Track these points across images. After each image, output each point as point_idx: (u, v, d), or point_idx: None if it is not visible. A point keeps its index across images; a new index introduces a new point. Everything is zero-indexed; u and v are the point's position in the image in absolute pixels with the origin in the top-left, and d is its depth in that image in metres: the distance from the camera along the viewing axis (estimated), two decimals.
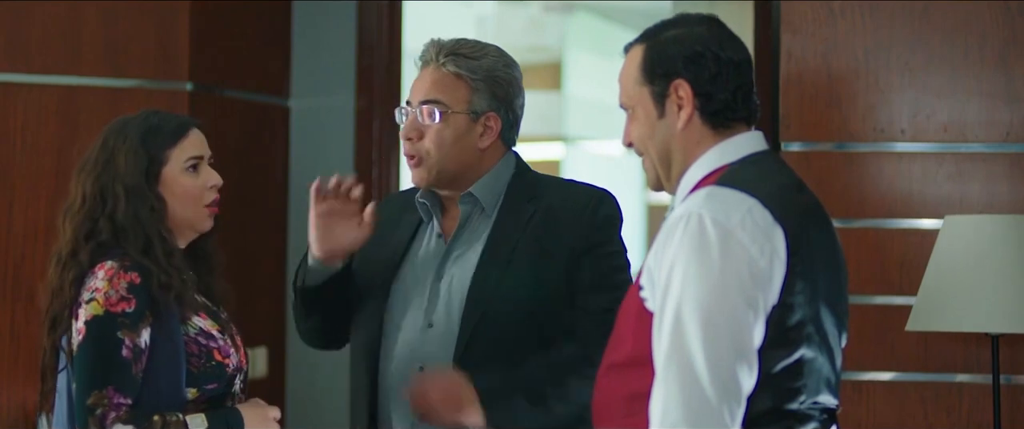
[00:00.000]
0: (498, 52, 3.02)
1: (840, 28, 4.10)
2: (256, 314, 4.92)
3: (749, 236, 2.25)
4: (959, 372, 4.02)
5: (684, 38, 2.42)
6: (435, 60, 2.97)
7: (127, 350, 2.65)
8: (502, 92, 2.98)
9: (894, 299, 4.04)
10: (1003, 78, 4.04)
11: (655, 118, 2.43)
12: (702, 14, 2.48)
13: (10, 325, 4.44)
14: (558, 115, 12.58)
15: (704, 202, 2.29)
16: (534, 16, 12.44)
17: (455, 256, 2.96)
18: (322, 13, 5.18)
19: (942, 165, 4.06)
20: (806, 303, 2.30)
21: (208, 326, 2.78)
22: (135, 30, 4.53)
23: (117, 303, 2.67)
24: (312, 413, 5.03)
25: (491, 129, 2.98)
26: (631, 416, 2.33)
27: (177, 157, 2.80)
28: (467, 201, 2.98)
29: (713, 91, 2.40)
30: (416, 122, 2.96)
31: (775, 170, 2.41)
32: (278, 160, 5.13)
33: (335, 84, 5.17)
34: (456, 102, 2.94)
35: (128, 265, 2.70)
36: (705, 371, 2.21)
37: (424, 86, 2.97)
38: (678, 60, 2.40)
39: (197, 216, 2.83)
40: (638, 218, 13.66)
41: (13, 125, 4.49)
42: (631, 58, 2.48)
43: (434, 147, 2.94)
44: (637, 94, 2.46)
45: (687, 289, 2.24)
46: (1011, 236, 3.64)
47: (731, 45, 2.43)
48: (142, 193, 2.76)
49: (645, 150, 2.47)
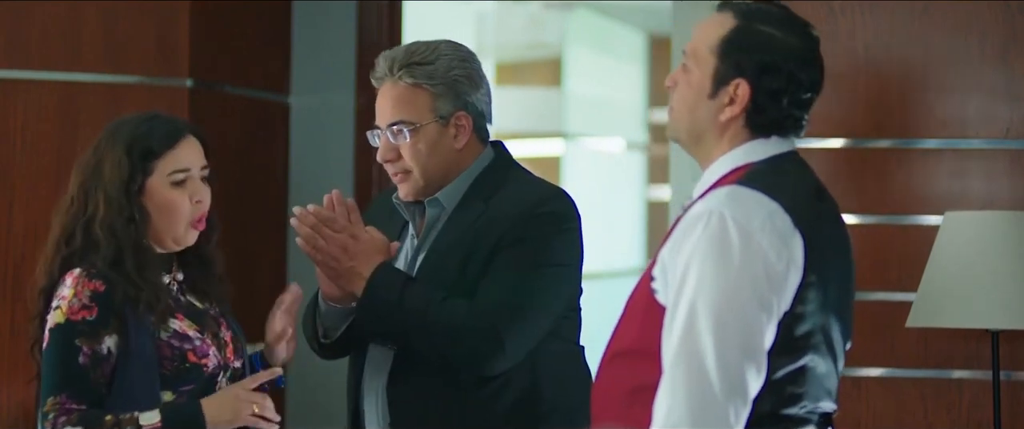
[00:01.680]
0: (450, 48, 2.99)
1: (841, 26, 4.10)
2: (256, 313, 4.90)
3: (768, 240, 2.25)
4: (959, 368, 4.03)
5: (772, 42, 2.37)
6: (390, 74, 2.94)
7: (84, 357, 2.65)
8: (463, 89, 2.96)
9: (894, 295, 4.04)
10: (1003, 75, 4.04)
11: (705, 94, 2.39)
12: (804, 24, 2.42)
13: (10, 324, 4.44)
14: (558, 112, 12.58)
15: (726, 202, 2.28)
16: (534, 13, 12.43)
17: (420, 257, 2.97)
18: (322, 10, 5.18)
19: (942, 162, 4.07)
20: (817, 312, 2.30)
21: (184, 328, 2.76)
22: (135, 27, 4.53)
23: (78, 311, 2.67)
24: (312, 413, 5.03)
25: (463, 127, 2.96)
26: (630, 407, 2.33)
27: (162, 169, 2.75)
28: (433, 205, 2.98)
29: (768, 105, 2.36)
30: (388, 143, 2.95)
31: (798, 174, 2.40)
32: (278, 157, 5.13)
33: (335, 81, 5.17)
34: (422, 114, 2.93)
35: (94, 273, 2.69)
36: (714, 369, 2.21)
37: (387, 107, 2.95)
38: (754, 61, 2.35)
39: (179, 231, 2.78)
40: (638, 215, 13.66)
41: (13, 123, 4.49)
42: (719, 22, 2.40)
43: (413, 162, 2.94)
44: (703, 59, 2.39)
45: (702, 287, 2.24)
46: (1011, 233, 3.64)
47: (812, 67, 2.39)
48: (120, 204, 2.72)
49: (679, 110, 2.43)
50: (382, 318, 2.88)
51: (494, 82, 11.94)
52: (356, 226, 2.91)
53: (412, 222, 3.02)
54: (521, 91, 12.68)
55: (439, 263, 2.92)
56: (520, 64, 12.97)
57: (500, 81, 12.42)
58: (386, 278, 2.88)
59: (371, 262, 2.88)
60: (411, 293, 2.86)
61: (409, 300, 2.85)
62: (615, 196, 13.05)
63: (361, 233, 2.90)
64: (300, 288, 2.96)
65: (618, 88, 12.92)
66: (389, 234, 3.01)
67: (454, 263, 2.90)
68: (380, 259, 2.89)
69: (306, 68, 5.18)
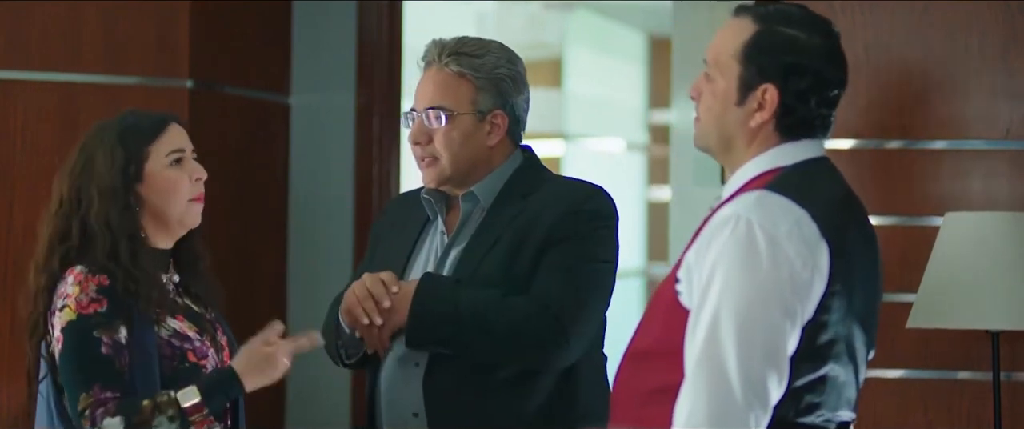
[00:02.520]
0: (501, 48, 3.01)
1: (841, 25, 4.08)
2: (256, 312, 4.92)
3: (795, 248, 2.24)
4: (959, 369, 4.02)
5: (795, 43, 2.35)
6: (438, 60, 2.95)
7: (106, 347, 2.65)
8: (507, 89, 2.97)
9: (895, 296, 4.03)
10: (1004, 75, 4.04)
11: (732, 101, 2.37)
12: (825, 22, 2.41)
13: (10, 324, 4.43)
14: (558, 112, 12.57)
15: (754, 207, 2.27)
16: (534, 13, 12.43)
17: (454, 253, 2.96)
18: (322, 10, 5.17)
19: (943, 162, 4.07)
20: (840, 321, 2.29)
21: (183, 328, 2.76)
22: (135, 27, 4.53)
23: (88, 305, 2.67)
24: (313, 413, 5.02)
25: (498, 127, 2.97)
26: (648, 407, 2.33)
27: (158, 152, 2.78)
28: (469, 199, 2.97)
29: (797, 107, 2.35)
30: (423, 126, 2.96)
31: (827, 180, 2.39)
32: (278, 158, 5.12)
33: (335, 81, 5.17)
34: (461, 104, 2.94)
35: (95, 268, 2.70)
36: (736, 375, 2.20)
37: (428, 90, 2.96)
38: (779, 64, 2.34)
39: (183, 210, 2.80)
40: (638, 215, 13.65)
41: (13, 123, 4.49)
42: (738, 28, 2.38)
43: (444, 149, 2.94)
44: (726, 67, 2.37)
45: (727, 292, 2.23)
46: (1012, 233, 3.64)
47: (837, 65, 2.38)
48: (116, 194, 2.74)
49: (706, 120, 2.41)
50: (437, 327, 2.86)
51: None
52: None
53: (441, 217, 3.01)
54: None
55: (479, 258, 2.91)
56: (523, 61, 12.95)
57: None
58: (434, 288, 2.87)
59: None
60: (466, 297, 2.85)
61: (465, 304, 2.84)
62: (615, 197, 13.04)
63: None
64: (320, 339, 2.90)
65: (618, 89, 12.91)
66: (408, 231, 3.02)
67: (497, 259, 2.89)
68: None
69: (306, 68, 5.18)
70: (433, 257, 2.99)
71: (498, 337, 2.84)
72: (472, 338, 2.84)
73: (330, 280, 4.21)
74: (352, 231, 5.04)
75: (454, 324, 2.84)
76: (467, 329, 2.84)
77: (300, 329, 3.00)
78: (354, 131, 5.13)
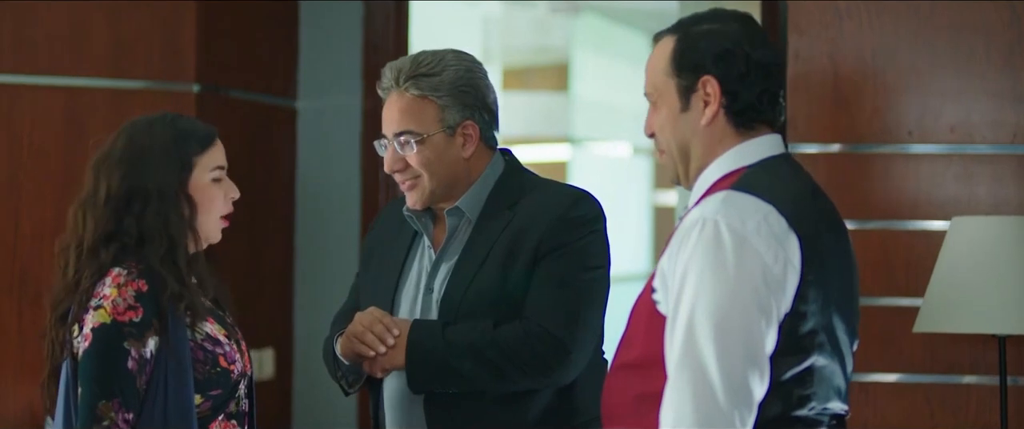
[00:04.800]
0: (456, 57, 2.98)
1: (846, 29, 4.10)
2: (263, 315, 4.93)
3: (764, 243, 2.25)
4: (966, 374, 4.02)
5: (717, 34, 2.40)
6: (396, 86, 2.94)
7: (132, 362, 2.63)
8: (470, 99, 2.95)
9: (901, 300, 4.03)
10: (1010, 79, 4.04)
11: (678, 111, 2.42)
12: (737, 11, 2.46)
13: (17, 326, 4.44)
14: (565, 116, 12.59)
15: (720, 207, 2.28)
16: (541, 17, 12.44)
17: (444, 268, 2.96)
18: (329, 14, 5.18)
19: (949, 166, 4.06)
20: (819, 311, 2.30)
21: (215, 331, 2.75)
22: (141, 31, 4.54)
23: (124, 312, 2.64)
24: (319, 414, 5.03)
25: (470, 137, 2.96)
26: (640, 416, 2.33)
27: (204, 165, 2.76)
28: (454, 214, 2.97)
29: (740, 90, 2.38)
30: (395, 153, 2.95)
31: (792, 175, 2.40)
32: (285, 161, 5.13)
33: (342, 85, 5.17)
34: (428, 125, 2.93)
35: (136, 273, 2.67)
36: (717, 377, 2.21)
37: (394, 116, 2.95)
38: (709, 56, 2.38)
39: (213, 226, 2.80)
40: (645, 219, 13.66)
41: (20, 127, 4.49)
42: (661, 48, 2.45)
43: (422, 169, 2.94)
44: (663, 85, 2.43)
45: (701, 295, 2.24)
46: (1018, 237, 3.64)
47: (763, 46, 2.41)
48: (174, 197, 2.72)
49: (665, 143, 2.45)
50: (437, 375, 2.88)
51: (500, 87, 11.95)
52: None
53: (426, 233, 3.01)
54: (528, 96, 12.69)
55: (471, 274, 2.91)
56: (527, 69, 12.97)
57: (506, 86, 12.43)
58: (424, 337, 2.88)
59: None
60: (458, 339, 2.86)
61: (458, 346, 2.85)
62: (622, 201, 13.05)
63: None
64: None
65: (625, 93, 12.93)
66: (398, 246, 3.02)
67: (489, 275, 2.89)
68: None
69: (313, 72, 5.19)
70: (423, 273, 2.99)
71: (500, 369, 2.85)
72: (475, 375, 2.86)
73: (336, 283, 4.21)
74: (358, 234, 5.05)
75: (453, 368, 2.86)
76: (467, 368, 2.86)
77: (306, 332, 3.01)
78: (360, 134, 5.14)
